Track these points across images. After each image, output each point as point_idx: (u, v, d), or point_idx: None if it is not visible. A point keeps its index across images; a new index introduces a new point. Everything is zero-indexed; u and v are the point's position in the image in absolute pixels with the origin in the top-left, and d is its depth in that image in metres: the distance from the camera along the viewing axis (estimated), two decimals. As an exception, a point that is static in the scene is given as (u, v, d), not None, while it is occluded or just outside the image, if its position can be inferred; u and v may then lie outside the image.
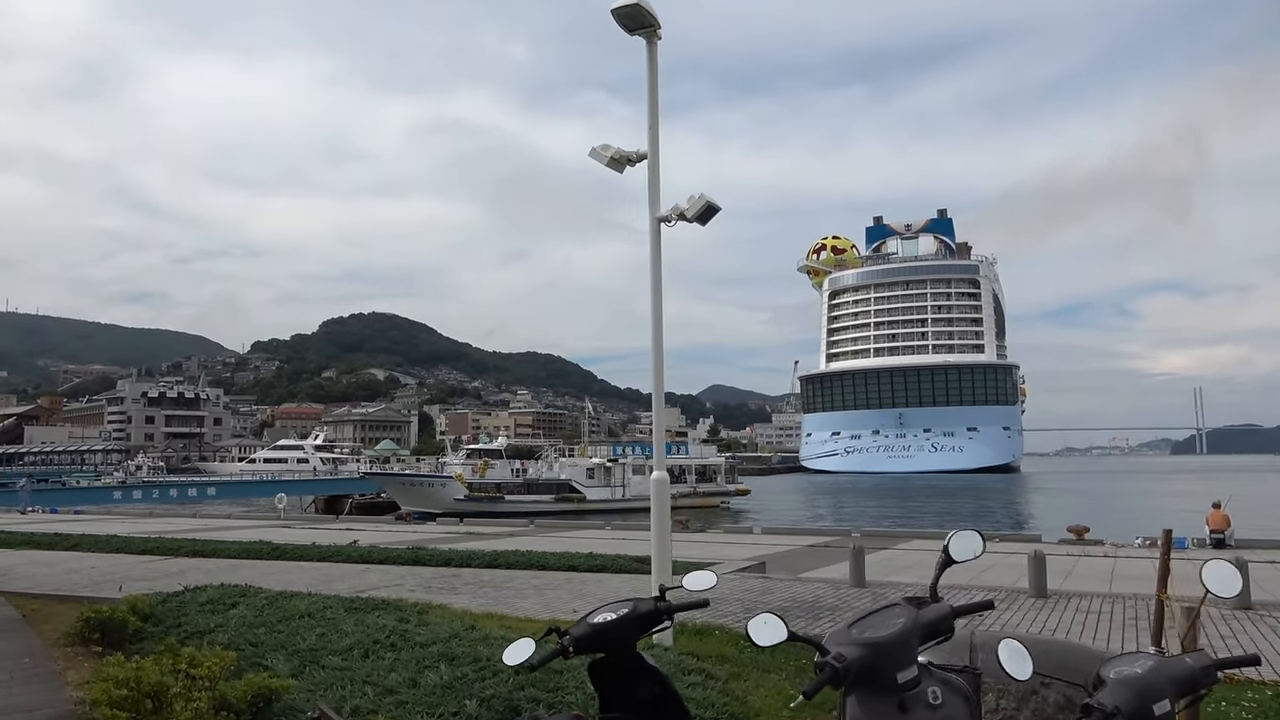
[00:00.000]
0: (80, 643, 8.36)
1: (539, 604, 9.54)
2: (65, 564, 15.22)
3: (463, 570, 12.89)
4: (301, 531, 24.53)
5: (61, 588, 12.18)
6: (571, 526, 28.05)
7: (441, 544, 19.31)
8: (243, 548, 16.06)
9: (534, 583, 11.42)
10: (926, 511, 59.37)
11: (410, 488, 49.62)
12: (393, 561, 13.99)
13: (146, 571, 13.88)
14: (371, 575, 12.59)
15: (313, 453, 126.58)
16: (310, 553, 15.06)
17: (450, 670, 5.58)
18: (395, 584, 11.60)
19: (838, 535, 23.43)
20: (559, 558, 13.21)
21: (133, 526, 26.22)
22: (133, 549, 17.02)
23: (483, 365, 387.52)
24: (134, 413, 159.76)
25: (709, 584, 3.48)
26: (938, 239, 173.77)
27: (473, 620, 7.82)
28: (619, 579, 11.63)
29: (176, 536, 19.78)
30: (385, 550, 14.89)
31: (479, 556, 13.60)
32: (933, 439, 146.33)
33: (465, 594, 10.39)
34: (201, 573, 13.56)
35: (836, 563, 15.87)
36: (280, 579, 12.29)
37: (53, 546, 18.11)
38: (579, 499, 51.06)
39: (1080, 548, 19.90)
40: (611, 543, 19.91)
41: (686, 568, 12.53)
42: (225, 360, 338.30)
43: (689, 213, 6.69)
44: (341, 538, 21.52)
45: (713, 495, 56.46)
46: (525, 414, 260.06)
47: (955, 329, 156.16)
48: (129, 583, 12.61)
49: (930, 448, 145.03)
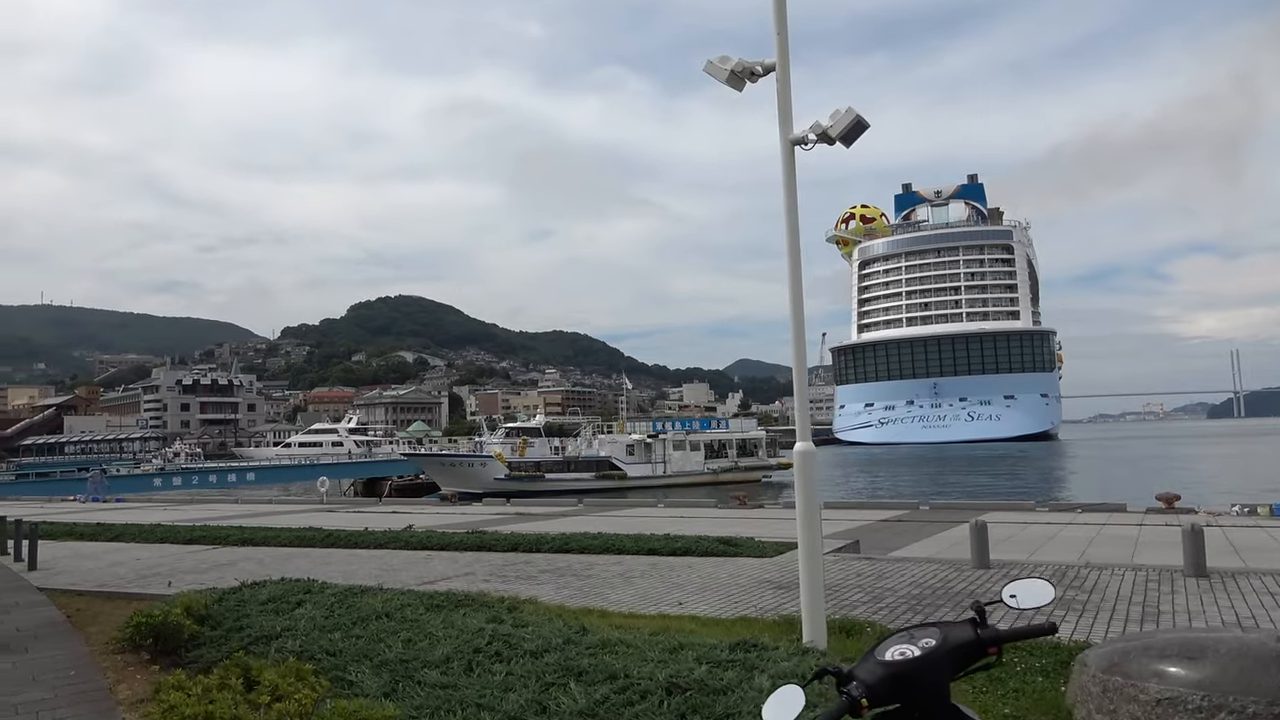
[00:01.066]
0: (130, 649, 7.45)
1: (634, 595, 8.52)
2: (109, 556, 14.46)
3: (533, 556, 11.91)
4: (347, 515, 23.75)
5: (106, 583, 11.37)
6: (619, 504, 27.10)
7: (496, 526, 18.40)
8: (294, 535, 15.21)
9: (616, 569, 10.41)
10: (977, 482, 57.89)
11: (450, 468, 48.93)
12: (455, 547, 13.04)
13: (195, 563, 13.06)
14: (436, 563, 11.65)
15: (347, 436, 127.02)
16: (366, 539, 14.16)
17: (584, 691, 4.54)
18: (465, 573, 10.63)
19: (904, 509, 22.28)
20: (634, 540, 12.19)
21: (176, 514, 25.60)
22: (178, 538, 16.25)
23: (510, 345, 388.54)
24: (169, 400, 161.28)
25: (1045, 598, 2.41)
26: (969, 205, 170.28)
27: (576, 619, 6.79)
28: (710, 564, 10.58)
29: (222, 524, 19.03)
30: (444, 535, 13.96)
31: (547, 540, 12.62)
32: (969, 408, 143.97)
33: (547, 584, 9.39)
34: (253, 563, 12.72)
35: (923, 538, 14.74)
36: (340, 570, 11.38)
37: (96, 537, 17.41)
38: (620, 476, 50.13)
39: (1175, 517, 18.61)
40: (672, 522, 18.91)
41: (762, 549, 11.47)
42: (256, 347, 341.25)
43: (833, 130, 5.56)
44: (389, 521, 20.70)
45: (754, 469, 55.34)
46: (554, 392, 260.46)
47: (989, 296, 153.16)
48: (177, 575, 11.78)
49: (966, 417, 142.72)
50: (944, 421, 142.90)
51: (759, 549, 11.29)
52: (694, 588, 8.86)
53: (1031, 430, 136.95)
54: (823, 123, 5.64)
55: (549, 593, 8.77)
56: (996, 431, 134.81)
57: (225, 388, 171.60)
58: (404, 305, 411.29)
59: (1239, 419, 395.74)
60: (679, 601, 7.97)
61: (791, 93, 5.83)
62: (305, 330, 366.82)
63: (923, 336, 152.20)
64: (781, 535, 14.30)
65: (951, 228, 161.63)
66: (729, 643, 5.39)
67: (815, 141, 5.68)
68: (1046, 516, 19.19)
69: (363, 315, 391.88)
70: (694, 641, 5.48)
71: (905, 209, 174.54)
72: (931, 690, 2.21)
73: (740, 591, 8.46)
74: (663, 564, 10.72)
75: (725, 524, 17.73)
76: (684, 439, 54.09)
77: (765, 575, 9.51)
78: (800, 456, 5.59)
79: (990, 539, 10.09)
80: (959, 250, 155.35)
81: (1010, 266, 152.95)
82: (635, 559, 11.23)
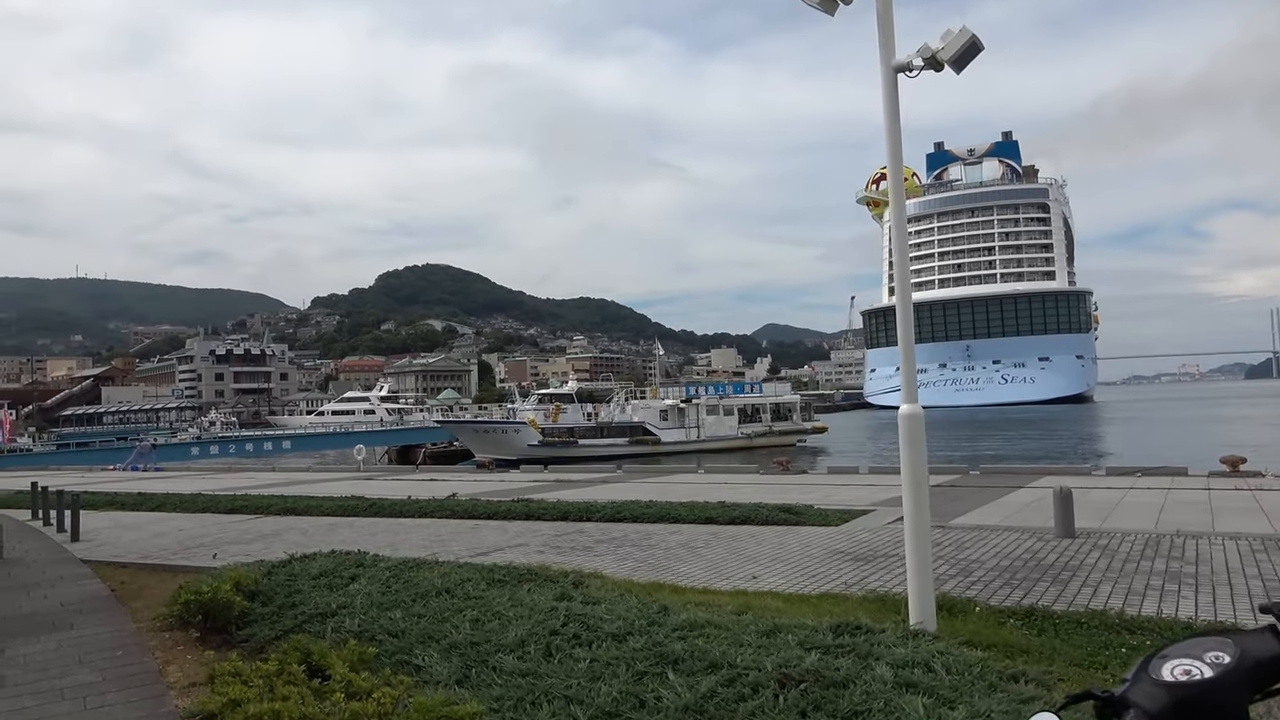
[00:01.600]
0: (178, 626, 7.10)
1: (704, 568, 8.04)
2: (150, 526, 14.25)
3: (585, 525, 11.49)
4: (386, 483, 23.55)
5: (150, 554, 11.10)
6: (657, 470, 26.70)
7: (537, 493, 18.05)
8: (336, 504, 14.91)
9: (676, 539, 9.94)
10: (1016, 447, 56.97)
11: (484, 435, 48.82)
12: (502, 516, 12.65)
13: (238, 533, 12.79)
14: (486, 533, 11.26)
15: (378, 404, 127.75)
16: (409, 508, 13.83)
17: (685, 683, 4.05)
18: (517, 543, 10.23)
19: (954, 473, 21.65)
20: (688, 508, 11.72)
21: (214, 483, 25.56)
22: (220, 508, 16.03)
23: (537, 313, 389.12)
24: (204, 370, 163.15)
25: None
26: (1003, 163, 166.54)
27: (649, 595, 6.33)
28: (773, 533, 10.08)
29: (262, 493, 18.84)
30: (491, 504, 13.58)
31: (598, 509, 12.19)
32: (1003, 370, 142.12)
33: (606, 556, 8.95)
34: (297, 533, 12.42)
35: (983, 504, 14.11)
36: (387, 541, 11.03)
37: (137, 507, 17.27)
38: (654, 441, 49.78)
39: (1242, 481, 17.85)
40: (715, 488, 18.45)
41: (825, 516, 10.96)
42: (287, 317, 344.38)
43: (943, 54, 4.93)
44: (428, 489, 20.44)
45: (789, 433, 54.77)
46: (583, 359, 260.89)
47: (1024, 256, 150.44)
48: (221, 546, 11.49)
49: (1000, 379, 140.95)
50: (977, 384, 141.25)
51: (822, 517, 10.78)
52: (765, 560, 8.36)
53: (1067, 392, 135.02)
54: (931, 45, 5.01)
55: (611, 565, 8.33)
56: (1031, 394, 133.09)
57: (258, 357, 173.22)
58: (431, 274, 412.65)
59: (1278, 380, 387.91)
60: (753, 575, 7.48)
61: (894, 13, 5.19)
62: (335, 300, 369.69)
63: (955, 298, 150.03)
64: (836, 501, 13.78)
65: (985, 186, 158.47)
66: (829, 624, 4.89)
67: (921, 68, 5.04)
68: (1105, 481, 18.50)
69: (391, 284, 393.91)
70: (788, 623, 4.98)
71: (937, 168, 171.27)
72: (1225, 718, 1.68)
73: (815, 564, 7.96)
74: (723, 533, 10.24)
75: (773, 490, 17.25)
76: (717, 404, 53.60)
77: (836, 545, 9.00)
78: (907, 420, 5.04)
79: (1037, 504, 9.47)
80: (993, 210, 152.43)
81: (1046, 225, 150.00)
82: (693, 528, 10.76)
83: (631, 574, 7.79)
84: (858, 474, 22.50)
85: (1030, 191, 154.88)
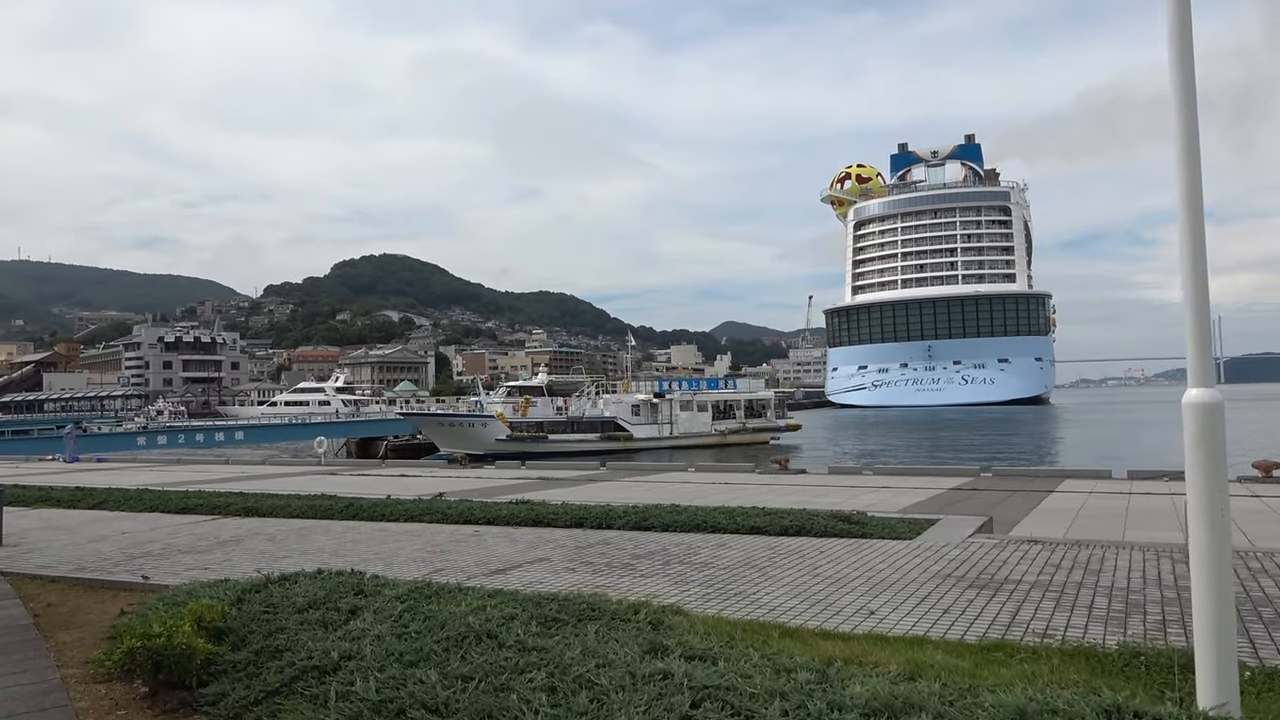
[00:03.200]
0: (120, 675, 5.35)
1: (790, 595, 6.46)
2: (89, 528, 12.32)
3: (609, 534, 9.84)
4: (353, 479, 21.67)
5: (86, 565, 9.24)
6: (645, 469, 25.09)
7: (524, 492, 16.39)
8: (306, 504, 13.06)
9: (730, 554, 8.35)
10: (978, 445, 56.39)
11: (449, 428, 46.81)
12: (505, 521, 10.95)
13: (192, 539, 10.94)
14: (491, 543, 9.57)
15: (334, 395, 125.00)
16: (394, 510, 12.05)
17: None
18: (535, 557, 8.56)
19: (964, 475, 20.35)
20: (726, 515, 10.13)
21: (163, 476, 23.43)
22: (170, 507, 14.09)
23: (496, 305, 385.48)
24: (151, 358, 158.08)
25: None
26: (965, 166, 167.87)
27: (761, 641, 4.73)
28: (844, 548, 8.53)
29: (218, 489, 16.89)
30: (486, 506, 11.85)
31: (619, 514, 10.54)
32: (963, 371, 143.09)
33: (657, 576, 7.33)
34: (264, 539, 10.62)
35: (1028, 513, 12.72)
36: (376, 551, 9.29)
37: (74, 504, 15.23)
38: (626, 437, 48.18)
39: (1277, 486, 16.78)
40: (717, 489, 16.96)
41: (890, 527, 9.48)
42: (239, 305, 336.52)
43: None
44: (396, 485, 18.67)
45: (762, 431, 53.55)
46: (542, 353, 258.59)
47: (986, 258, 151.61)
48: (174, 556, 9.65)
49: (960, 380, 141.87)
50: (938, 385, 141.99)
51: (887, 528, 9.28)
52: (857, 584, 6.81)
53: (1025, 394, 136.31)
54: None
55: (670, 590, 6.72)
56: (990, 395, 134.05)
57: (208, 345, 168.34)
58: (389, 264, 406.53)
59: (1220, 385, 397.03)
60: (868, 610, 5.91)
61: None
62: (289, 289, 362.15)
63: (917, 299, 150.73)
64: (864, 505, 12.29)
65: (948, 188, 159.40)
66: (1094, 706, 3.33)
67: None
68: (1129, 485, 17.31)
69: (347, 274, 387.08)
70: (1029, 706, 3.41)
71: (901, 169, 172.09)
72: None
73: (930, 592, 6.42)
74: (781, 546, 8.68)
75: (779, 492, 15.80)
76: (691, 399, 52.16)
77: (932, 565, 7.49)
78: (1201, 411, 3.50)
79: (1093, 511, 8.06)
80: (956, 211, 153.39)
81: (1007, 229, 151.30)
82: (740, 540, 9.18)
83: (703, 603, 6.19)
84: (861, 475, 21.13)
85: (992, 194, 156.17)
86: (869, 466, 22.72)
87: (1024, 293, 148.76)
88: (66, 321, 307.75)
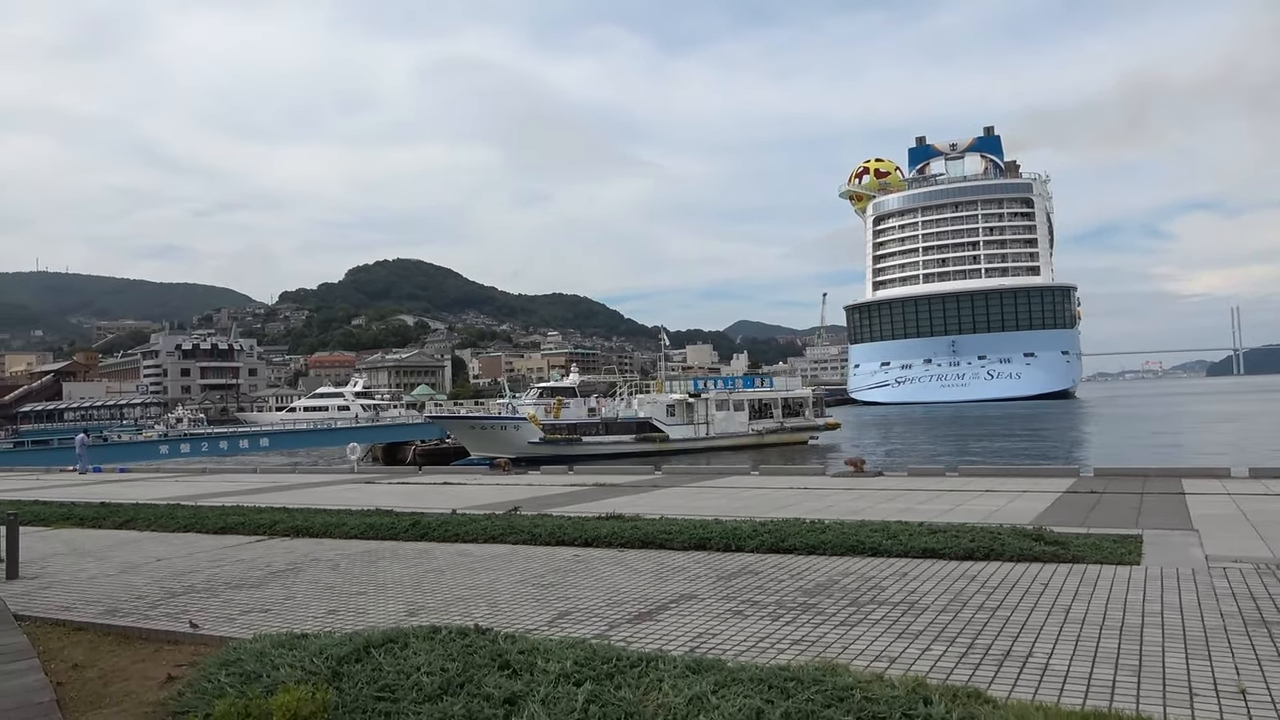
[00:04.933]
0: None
1: (1075, 653, 4.74)
2: (118, 553, 10.74)
3: (744, 558, 8.10)
4: (392, 487, 20.08)
5: (119, 606, 7.63)
6: (702, 473, 23.38)
7: (586, 501, 14.86)
8: (363, 522, 11.39)
9: (925, 591, 6.61)
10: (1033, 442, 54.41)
11: (479, 431, 45.16)
12: (606, 542, 9.22)
13: (241, 567, 9.31)
14: (606, 571, 7.88)
15: (353, 399, 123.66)
16: (467, 528, 10.36)
17: None
18: (677, 594, 6.87)
19: (1062, 475, 18.52)
20: (879, 533, 8.38)
21: (191, 488, 21.91)
22: (207, 526, 12.48)
23: (509, 308, 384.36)
24: (169, 365, 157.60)
25: None
26: (985, 158, 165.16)
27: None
28: (1067, 577, 6.79)
29: (255, 503, 15.32)
30: (577, 524, 10.14)
31: (747, 534, 8.80)
32: (988, 366, 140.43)
33: (868, 625, 5.62)
34: (326, 567, 8.97)
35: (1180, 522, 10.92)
36: (468, 583, 7.63)
37: (99, 522, 13.68)
38: (661, 439, 46.41)
39: None
40: (795, 494, 15.28)
41: (1103, 548, 7.76)
42: (255, 311, 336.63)
43: None
44: (458, 495, 17.07)
45: (801, 430, 51.68)
46: (558, 354, 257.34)
47: (1009, 251, 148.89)
48: (222, 592, 8.02)
49: (986, 375, 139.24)
50: (963, 380, 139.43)
51: (1096, 548, 7.53)
52: (1156, 636, 5.07)
53: (1052, 388, 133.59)
54: None
55: (904, 649, 5.01)
56: (1017, 390, 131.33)
57: (225, 352, 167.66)
58: (402, 269, 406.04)
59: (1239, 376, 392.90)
60: (1238, 689, 4.18)
61: None
62: (303, 295, 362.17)
63: (940, 293, 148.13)
64: (994, 513, 10.55)
65: (969, 181, 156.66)
66: None
67: None
68: (1263, 485, 15.49)
69: (361, 279, 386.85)
70: None
71: (919, 162, 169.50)
72: None
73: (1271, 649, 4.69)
74: (983, 576, 6.95)
75: (879, 498, 14.17)
76: (727, 398, 50.29)
77: (1224, 605, 5.73)
78: None
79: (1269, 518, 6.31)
80: (977, 204, 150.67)
81: (1030, 221, 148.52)
82: (918, 566, 7.45)
83: (971, 673, 4.50)
84: (945, 476, 19.31)
85: (1015, 186, 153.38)
86: (952, 468, 20.90)
87: (1049, 285, 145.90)
88: (85, 331, 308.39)
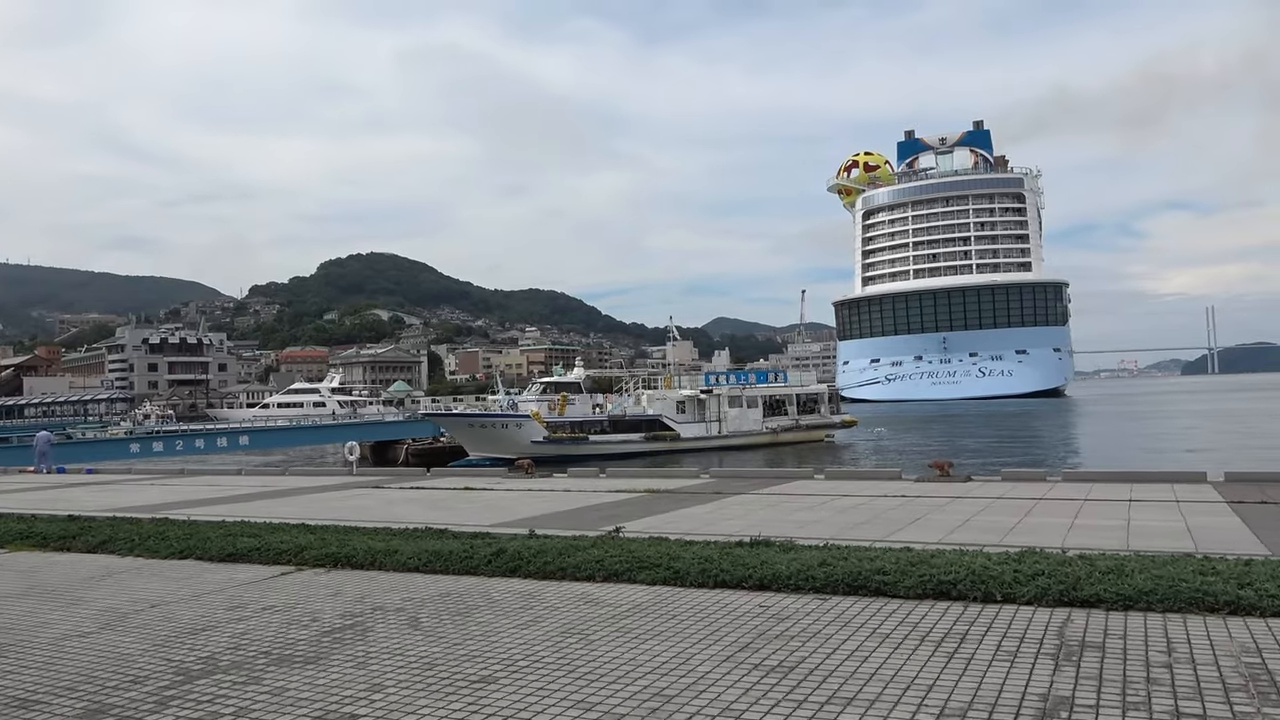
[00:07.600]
0: None
1: None
2: (96, 593, 7.90)
3: (988, 615, 5.51)
4: (406, 493, 17.29)
5: (108, 702, 4.81)
6: (756, 477, 20.73)
7: (661, 514, 12.32)
8: (420, 551, 8.48)
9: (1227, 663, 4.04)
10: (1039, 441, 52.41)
11: (479, 429, 42.29)
12: (793, 585, 6.50)
13: (276, 624, 6.50)
14: (837, 635, 5.19)
15: (329, 396, 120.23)
16: (576, 563, 7.60)
17: None
18: (1028, 688, 4.18)
19: (1188, 480, 16.01)
20: (1160, 570, 5.82)
21: (171, 493, 18.95)
22: (210, 551, 9.61)
23: (485, 304, 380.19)
24: (136, 360, 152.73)
25: None
26: (974, 153, 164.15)
27: None
28: None
29: (260, 516, 12.48)
30: (726, 554, 7.49)
31: (1010, 581, 6.18)
32: (980, 363, 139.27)
33: None
34: (402, 624, 6.16)
35: None
36: (640, 659, 4.90)
37: (67, 544, 10.74)
38: (672, 437, 43.82)
39: None
40: (890, 501, 12.67)
41: None
42: (224, 305, 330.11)
43: None
44: (482, 506, 14.45)
45: (817, 427, 49.28)
46: (536, 350, 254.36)
47: (1000, 246, 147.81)
48: (262, 670, 5.20)
49: (978, 373, 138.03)
50: (954, 377, 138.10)
51: None
52: None
53: (1044, 386, 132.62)
54: None
55: None
56: (1009, 387, 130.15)
57: (194, 347, 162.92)
58: (376, 262, 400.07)
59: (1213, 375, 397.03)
60: None
61: None
62: (274, 289, 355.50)
63: (930, 289, 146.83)
64: (1176, 530, 8.03)
65: (959, 175, 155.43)
66: None
67: None
68: None
69: (334, 273, 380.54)
70: None
71: (909, 156, 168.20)
72: None
73: None
74: None
75: (1005, 509, 11.70)
76: (740, 394, 47.73)
77: None
78: None
79: None
80: (968, 199, 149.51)
81: (1021, 216, 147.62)
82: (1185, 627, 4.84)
83: None
84: (1046, 482, 16.75)
85: (1005, 181, 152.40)
86: (1053, 471, 18.41)
87: (1041, 281, 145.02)
88: (47, 325, 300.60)
